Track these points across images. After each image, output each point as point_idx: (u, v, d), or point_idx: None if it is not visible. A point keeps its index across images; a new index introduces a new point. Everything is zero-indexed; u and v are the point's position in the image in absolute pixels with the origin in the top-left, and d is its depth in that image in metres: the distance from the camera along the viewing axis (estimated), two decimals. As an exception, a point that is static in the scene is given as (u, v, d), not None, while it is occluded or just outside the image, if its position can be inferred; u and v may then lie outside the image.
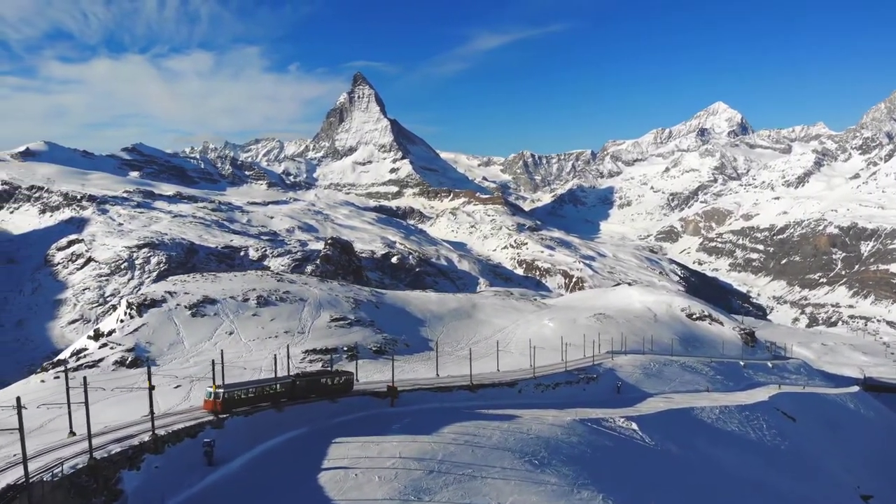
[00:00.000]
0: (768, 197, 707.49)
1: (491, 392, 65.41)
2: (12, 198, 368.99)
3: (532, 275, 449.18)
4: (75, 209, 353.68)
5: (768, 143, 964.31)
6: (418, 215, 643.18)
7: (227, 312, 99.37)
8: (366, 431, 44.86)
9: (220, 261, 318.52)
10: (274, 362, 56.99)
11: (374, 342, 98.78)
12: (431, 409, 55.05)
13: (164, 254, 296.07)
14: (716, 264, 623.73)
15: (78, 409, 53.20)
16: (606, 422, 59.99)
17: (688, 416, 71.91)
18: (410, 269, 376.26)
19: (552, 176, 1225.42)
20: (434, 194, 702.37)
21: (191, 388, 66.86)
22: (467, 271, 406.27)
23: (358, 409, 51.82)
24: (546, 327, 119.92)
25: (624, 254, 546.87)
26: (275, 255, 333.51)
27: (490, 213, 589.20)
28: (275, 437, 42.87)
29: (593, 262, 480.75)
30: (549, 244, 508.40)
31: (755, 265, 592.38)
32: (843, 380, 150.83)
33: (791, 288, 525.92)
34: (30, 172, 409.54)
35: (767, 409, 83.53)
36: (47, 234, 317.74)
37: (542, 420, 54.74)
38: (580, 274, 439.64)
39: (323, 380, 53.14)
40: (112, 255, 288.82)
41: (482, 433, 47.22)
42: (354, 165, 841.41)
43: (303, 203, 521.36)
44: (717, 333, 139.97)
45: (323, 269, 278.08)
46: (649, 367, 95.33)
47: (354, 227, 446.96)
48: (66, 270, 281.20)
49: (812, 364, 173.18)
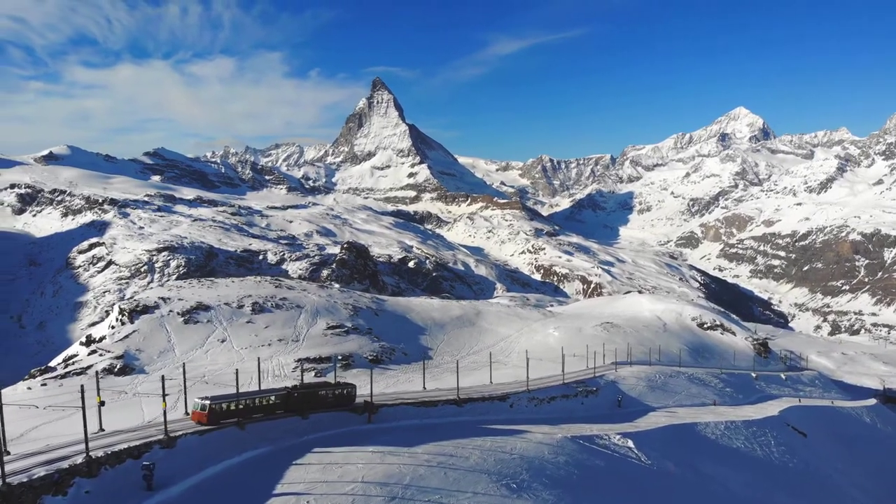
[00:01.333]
0: (790, 203, 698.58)
1: (480, 406, 62.23)
2: (35, 201, 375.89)
3: (550, 280, 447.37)
4: (97, 212, 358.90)
5: (790, 148, 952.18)
6: (436, 220, 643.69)
7: (221, 319, 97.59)
8: (334, 451, 42.12)
9: (239, 264, 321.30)
10: (258, 371, 54.78)
11: (371, 351, 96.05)
12: (410, 427, 52.01)
13: (184, 257, 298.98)
14: (737, 271, 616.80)
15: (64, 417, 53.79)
16: (600, 439, 57.21)
17: (691, 433, 68.92)
18: (427, 274, 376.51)
19: (571, 181, 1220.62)
20: (451, 199, 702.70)
21: (179, 397, 64.57)
22: (484, 276, 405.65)
23: (330, 426, 48.65)
24: (550, 336, 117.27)
25: (643, 259, 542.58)
26: (293, 259, 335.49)
27: (507, 218, 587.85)
28: (230, 457, 39.91)
29: (612, 267, 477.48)
30: (567, 249, 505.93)
31: (777, 272, 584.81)
32: (862, 391, 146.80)
33: (813, 295, 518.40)
34: (53, 176, 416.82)
35: (777, 425, 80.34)
36: (69, 236, 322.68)
37: (530, 438, 52.11)
38: (598, 280, 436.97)
39: (322, 392, 51.35)
40: (132, 259, 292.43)
41: (460, 453, 44.38)
42: (373, 170, 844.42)
43: (321, 207, 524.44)
44: (729, 343, 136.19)
45: (338, 274, 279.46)
46: (654, 378, 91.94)
47: (372, 232, 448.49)
48: (86, 273, 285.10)
49: (831, 374, 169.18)
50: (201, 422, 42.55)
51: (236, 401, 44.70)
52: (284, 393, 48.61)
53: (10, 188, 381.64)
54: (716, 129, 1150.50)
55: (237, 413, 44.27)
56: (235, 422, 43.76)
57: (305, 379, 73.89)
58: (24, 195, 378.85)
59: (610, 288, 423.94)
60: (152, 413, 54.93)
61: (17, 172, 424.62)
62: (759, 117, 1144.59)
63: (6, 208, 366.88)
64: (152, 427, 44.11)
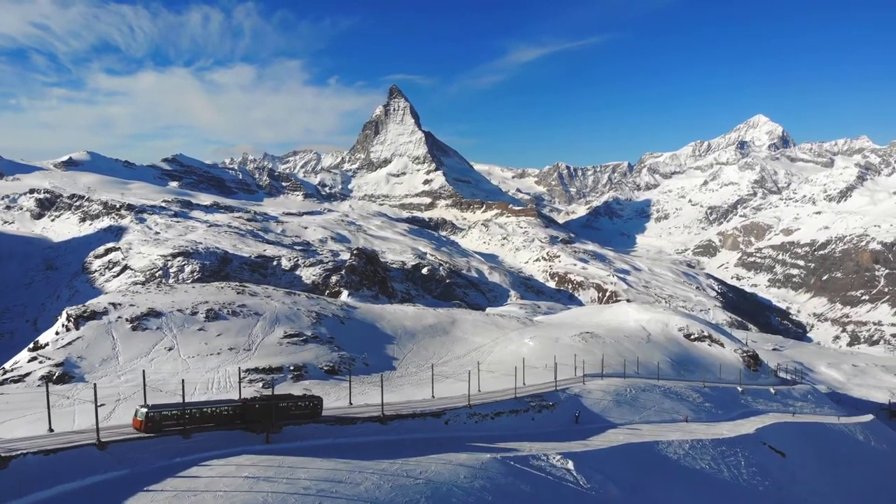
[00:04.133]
0: (809, 211, 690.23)
1: (408, 424, 56.38)
2: (54, 206, 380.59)
3: (564, 288, 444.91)
4: (114, 218, 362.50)
5: (810, 156, 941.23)
6: (450, 227, 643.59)
7: (172, 326, 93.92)
8: (202, 476, 37.26)
9: (254, 270, 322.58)
10: (182, 383, 48.70)
11: (328, 361, 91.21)
12: (316, 448, 46.50)
13: (198, 262, 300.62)
14: (755, 280, 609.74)
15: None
16: (537, 459, 51.90)
17: (649, 452, 63.41)
18: (441, 281, 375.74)
19: (588, 188, 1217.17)
20: (467, 206, 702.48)
21: (115, 407, 62.38)
22: (498, 283, 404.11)
23: (217, 446, 42.94)
24: (525, 346, 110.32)
25: (660, 268, 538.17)
26: (306, 264, 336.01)
27: (522, 225, 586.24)
28: (75, 480, 35.58)
29: (628, 275, 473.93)
30: (582, 257, 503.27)
31: (795, 281, 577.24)
32: (867, 405, 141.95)
33: (832, 305, 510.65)
34: (72, 181, 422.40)
35: (751, 444, 74.86)
36: (86, 241, 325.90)
37: (450, 459, 46.67)
38: (614, 288, 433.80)
39: (283, 404, 49.49)
40: (147, 264, 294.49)
41: (352, 479, 39.15)
42: (388, 177, 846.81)
43: (336, 214, 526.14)
44: (717, 355, 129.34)
45: (348, 280, 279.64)
46: (624, 392, 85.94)
47: (386, 238, 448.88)
48: (102, 278, 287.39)
49: (840, 387, 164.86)
50: (139, 429, 42.43)
51: (180, 411, 43.63)
52: (239, 405, 47.23)
53: (29, 193, 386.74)
54: (735, 137, 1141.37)
55: (181, 423, 43.11)
56: (181, 431, 42.95)
57: (249, 391, 71.07)
58: (43, 200, 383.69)
59: (625, 296, 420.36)
60: (84, 422, 51.32)
61: (36, 178, 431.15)
62: (779, 125, 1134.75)
63: (25, 213, 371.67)
64: (77, 434, 42.64)
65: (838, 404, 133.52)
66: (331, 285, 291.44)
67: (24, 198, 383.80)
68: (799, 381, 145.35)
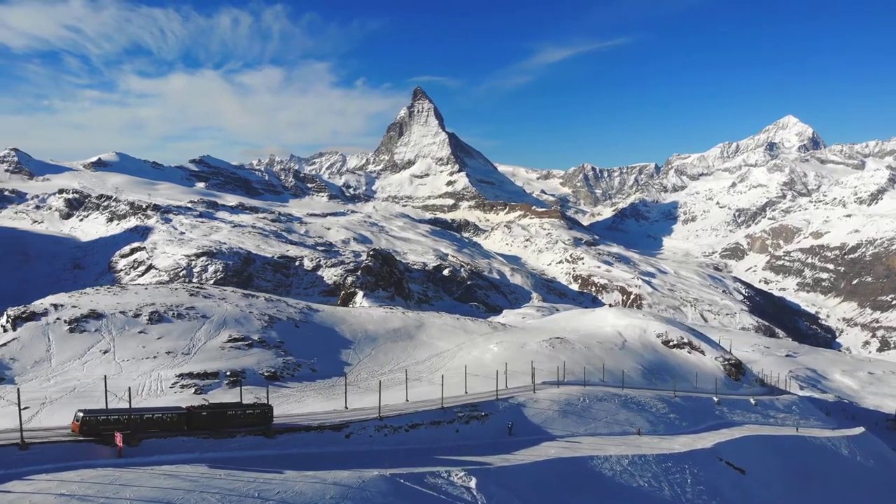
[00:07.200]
0: (839, 214, 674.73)
1: (301, 438, 51.26)
2: (82, 206, 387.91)
3: (588, 290, 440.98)
4: (140, 218, 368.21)
5: (840, 158, 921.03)
6: (473, 228, 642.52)
7: (111, 329, 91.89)
8: (15, 490, 33.42)
9: (276, 270, 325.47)
10: (104, 388, 46.16)
11: (270, 367, 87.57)
12: (175, 462, 41.21)
13: (222, 262, 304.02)
14: (783, 283, 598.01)
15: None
16: (434, 477, 46.62)
17: (580, 468, 57.52)
18: (462, 282, 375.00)
19: (614, 190, 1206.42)
20: (490, 207, 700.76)
21: (38, 410, 61.11)
22: (520, 285, 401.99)
23: (60, 459, 38.52)
24: (489, 352, 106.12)
25: (686, 271, 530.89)
26: (328, 265, 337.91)
27: (546, 227, 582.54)
28: None
29: (653, 279, 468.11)
30: (606, 259, 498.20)
31: (825, 285, 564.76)
32: (874, 415, 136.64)
33: (862, 310, 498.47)
34: (100, 182, 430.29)
35: (704, 459, 68.00)
36: (112, 241, 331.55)
37: (323, 477, 41.05)
38: (638, 291, 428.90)
39: (231, 412, 48.51)
40: (171, 263, 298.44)
41: (185, 499, 34.42)
42: (412, 178, 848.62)
43: (360, 215, 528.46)
44: (695, 363, 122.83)
45: (363, 280, 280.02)
46: (575, 402, 79.25)
47: (408, 239, 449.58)
48: (127, 277, 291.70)
49: (854, 395, 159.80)
50: (75, 432, 42.53)
51: (118, 416, 43.42)
52: (184, 412, 46.72)
53: (58, 193, 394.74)
54: (763, 139, 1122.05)
55: (120, 429, 42.64)
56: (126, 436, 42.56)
57: (177, 398, 69.85)
58: (72, 200, 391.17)
59: (650, 299, 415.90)
60: (4, 425, 48.94)
61: (66, 178, 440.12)
62: (809, 126, 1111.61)
63: (54, 213, 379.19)
64: None
65: (843, 414, 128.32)
66: (346, 286, 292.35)
67: (54, 198, 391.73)
68: (785, 390, 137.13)
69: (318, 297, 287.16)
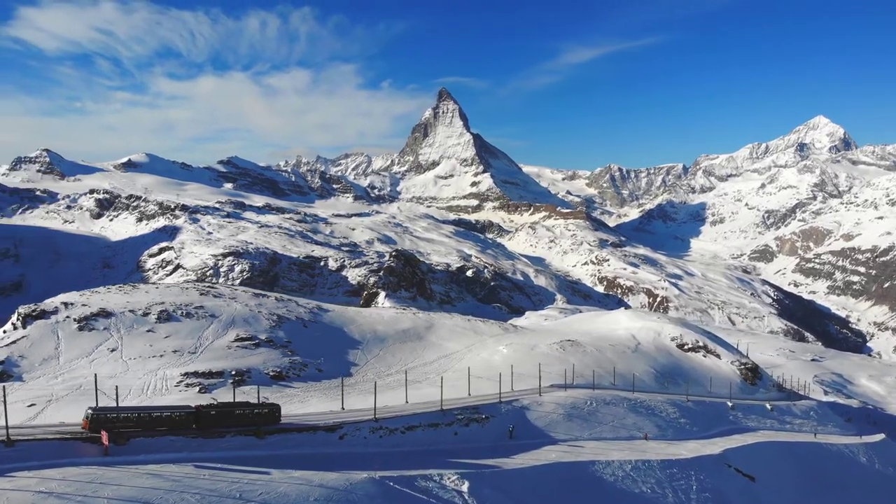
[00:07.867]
0: (871, 216, 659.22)
1: (293, 439, 50.23)
2: (112, 206, 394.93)
3: (613, 293, 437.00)
4: (169, 218, 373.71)
5: (872, 159, 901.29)
6: (497, 229, 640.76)
7: (120, 327, 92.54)
8: None
9: (301, 270, 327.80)
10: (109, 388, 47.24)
11: (276, 366, 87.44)
12: (160, 461, 40.58)
13: (248, 262, 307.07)
14: (813, 286, 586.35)
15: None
16: (426, 480, 45.57)
17: (580, 473, 55.82)
18: (485, 283, 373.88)
19: (640, 190, 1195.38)
20: (514, 208, 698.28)
21: (44, 407, 61.28)
22: (544, 287, 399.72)
23: (48, 456, 38.23)
24: (497, 354, 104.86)
25: (714, 273, 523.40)
26: (352, 265, 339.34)
27: (571, 228, 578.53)
28: None
29: (680, 281, 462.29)
30: (632, 261, 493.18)
31: (855, 288, 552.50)
32: (895, 422, 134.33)
33: (893, 314, 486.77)
34: (130, 182, 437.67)
35: (711, 465, 65.85)
36: (141, 241, 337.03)
37: (310, 479, 40.00)
38: (665, 293, 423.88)
39: (238, 411, 48.89)
40: (199, 263, 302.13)
41: (164, 499, 33.85)
42: (436, 179, 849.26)
43: (384, 216, 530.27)
44: (711, 367, 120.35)
45: (385, 281, 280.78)
46: (582, 405, 77.48)
47: (432, 240, 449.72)
48: (155, 276, 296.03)
49: (881, 400, 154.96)
50: (85, 429, 42.86)
51: (127, 414, 43.99)
52: (192, 410, 46.96)
53: (89, 193, 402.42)
54: (794, 139, 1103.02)
55: (127, 426, 43.15)
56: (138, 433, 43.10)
57: (182, 396, 69.95)
58: (102, 200, 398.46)
59: (677, 302, 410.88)
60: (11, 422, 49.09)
61: (97, 178, 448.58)
62: (840, 127, 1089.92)
63: (85, 213, 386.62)
64: None
65: (865, 420, 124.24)
66: (369, 286, 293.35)
67: (84, 198, 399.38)
68: (804, 395, 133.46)
69: (342, 297, 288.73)
